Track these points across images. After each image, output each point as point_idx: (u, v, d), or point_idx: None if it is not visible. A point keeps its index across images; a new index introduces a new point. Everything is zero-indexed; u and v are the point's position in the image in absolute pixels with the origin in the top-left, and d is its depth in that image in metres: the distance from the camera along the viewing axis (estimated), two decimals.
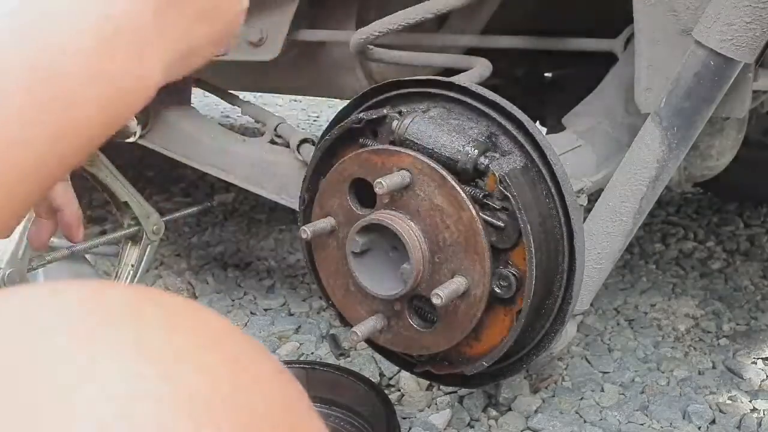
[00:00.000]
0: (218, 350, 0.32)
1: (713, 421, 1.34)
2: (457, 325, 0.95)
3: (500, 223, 0.90)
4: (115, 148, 1.90)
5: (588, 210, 1.14)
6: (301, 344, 1.59)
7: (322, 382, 1.29)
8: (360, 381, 1.28)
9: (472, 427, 1.31)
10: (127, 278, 1.40)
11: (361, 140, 1.01)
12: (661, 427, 1.32)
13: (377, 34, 1.29)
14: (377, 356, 1.44)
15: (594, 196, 1.18)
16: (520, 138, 0.94)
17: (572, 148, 1.23)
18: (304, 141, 1.47)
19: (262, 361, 0.34)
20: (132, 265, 1.41)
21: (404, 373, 1.39)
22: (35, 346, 0.29)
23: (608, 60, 1.45)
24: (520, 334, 0.94)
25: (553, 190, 0.93)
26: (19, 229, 1.41)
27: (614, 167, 1.14)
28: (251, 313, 1.75)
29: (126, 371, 0.29)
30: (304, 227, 0.99)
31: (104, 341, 0.30)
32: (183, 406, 0.28)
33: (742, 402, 1.40)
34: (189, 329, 0.33)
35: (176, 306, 0.34)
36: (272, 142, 1.57)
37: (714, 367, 1.53)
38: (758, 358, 1.57)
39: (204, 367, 0.31)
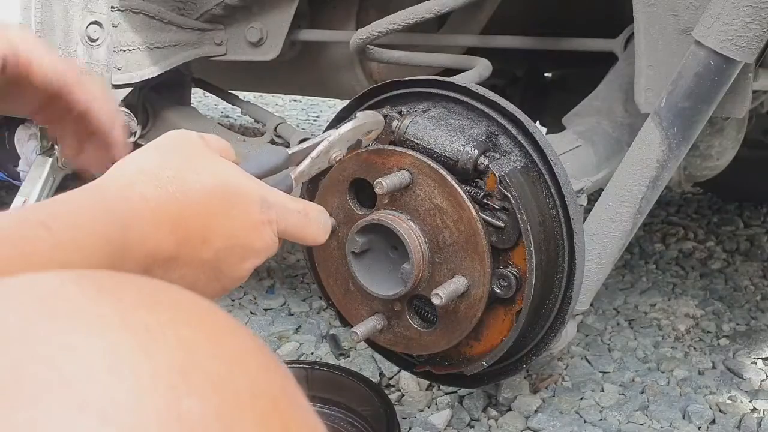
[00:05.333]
0: (199, 326, 0.33)
1: (713, 421, 1.34)
2: (457, 325, 0.95)
3: (500, 223, 0.90)
4: None
5: (588, 210, 1.14)
6: (301, 344, 1.59)
7: (322, 382, 1.29)
8: (360, 381, 1.28)
9: (472, 427, 1.31)
10: None
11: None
12: (661, 427, 1.32)
13: (377, 34, 1.29)
14: (377, 356, 1.44)
15: (594, 196, 1.18)
16: (520, 138, 0.94)
17: (572, 148, 1.23)
18: (303, 141, 1.47)
19: (243, 337, 0.34)
20: None
21: (404, 373, 1.39)
22: (17, 325, 0.29)
23: (608, 60, 1.45)
24: (520, 334, 0.94)
25: (553, 190, 0.93)
26: None
27: (614, 167, 1.14)
28: (251, 313, 1.75)
29: (106, 346, 0.29)
30: None
31: (84, 319, 0.30)
32: (162, 378, 0.29)
33: (742, 402, 1.40)
34: (169, 307, 0.33)
35: (157, 286, 0.35)
36: (272, 142, 1.57)
37: (714, 367, 1.53)
38: (758, 358, 1.57)
39: (184, 342, 0.31)
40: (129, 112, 1.44)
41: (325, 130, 1.06)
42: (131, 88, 1.45)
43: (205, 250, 0.64)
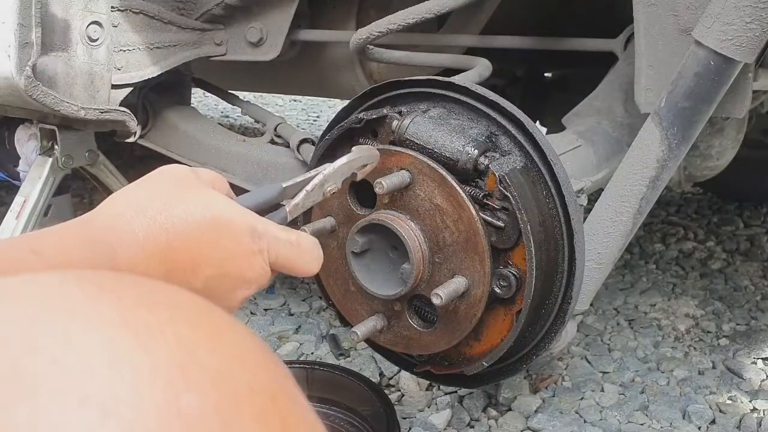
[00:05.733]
0: (198, 325, 0.33)
1: (713, 421, 1.33)
2: (457, 325, 0.95)
3: (500, 223, 0.90)
4: (115, 148, 1.90)
5: (588, 210, 1.14)
6: (301, 344, 1.59)
7: (322, 382, 1.29)
8: (360, 381, 1.28)
9: (472, 427, 1.31)
10: None
11: (361, 140, 1.01)
12: (661, 427, 1.32)
13: (377, 34, 1.29)
14: (377, 356, 1.44)
15: (594, 196, 1.18)
16: (520, 138, 0.94)
17: (572, 148, 1.23)
18: (304, 141, 1.47)
19: (242, 335, 0.35)
20: None
21: (404, 373, 1.39)
22: (17, 322, 0.30)
23: (608, 60, 1.45)
24: (520, 334, 0.94)
25: (553, 190, 0.93)
26: (20, 222, 1.41)
27: (614, 167, 1.14)
28: (251, 313, 1.75)
29: (105, 342, 0.29)
30: (304, 227, 0.99)
31: (84, 316, 0.30)
32: (162, 373, 0.29)
33: (742, 402, 1.40)
34: (168, 305, 0.33)
35: (156, 286, 0.35)
36: (272, 142, 1.57)
37: (714, 367, 1.53)
38: (758, 358, 1.57)
39: (183, 339, 0.31)
40: (129, 112, 1.44)
41: (325, 131, 1.06)
42: (131, 88, 1.45)
43: (195, 280, 0.65)
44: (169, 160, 1.68)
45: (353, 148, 0.87)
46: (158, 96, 1.65)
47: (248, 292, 0.70)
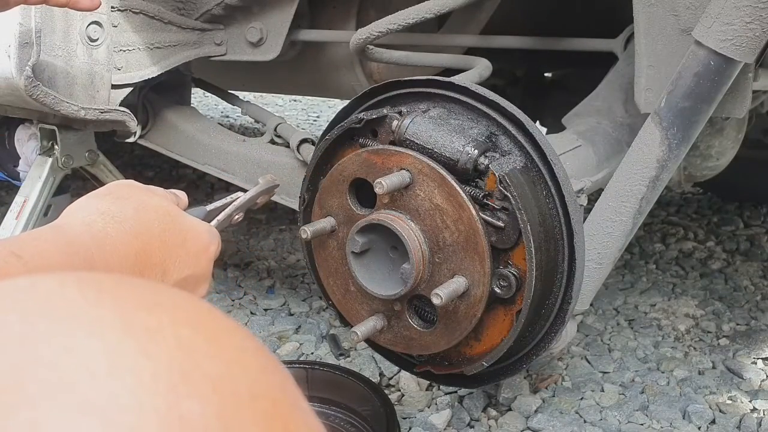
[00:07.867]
0: (198, 328, 0.33)
1: (713, 421, 1.33)
2: (457, 325, 0.95)
3: (500, 223, 0.90)
4: (115, 148, 1.90)
5: (588, 210, 1.14)
6: (301, 344, 1.59)
7: (322, 382, 1.29)
8: (360, 381, 1.28)
9: (472, 427, 1.31)
10: None
11: (360, 140, 1.01)
12: (661, 427, 1.32)
13: (377, 34, 1.29)
14: (377, 356, 1.44)
15: (594, 196, 1.18)
16: (520, 138, 0.94)
17: (572, 148, 1.23)
18: (304, 141, 1.47)
19: (243, 338, 0.35)
20: None
21: (404, 373, 1.39)
22: (17, 327, 0.30)
23: (608, 60, 1.45)
24: (520, 334, 0.94)
25: (553, 190, 0.93)
26: (20, 222, 1.41)
27: (614, 167, 1.14)
28: (251, 313, 1.75)
29: (106, 347, 0.29)
30: (304, 227, 1.00)
31: (84, 321, 0.30)
32: (163, 379, 0.29)
33: (742, 402, 1.40)
34: (168, 308, 0.33)
35: (156, 288, 0.35)
36: (272, 142, 1.58)
37: (714, 367, 1.53)
38: (758, 358, 1.57)
39: (184, 343, 0.31)
40: (129, 112, 1.44)
41: (325, 131, 1.06)
42: (131, 88, 1.45)
43: (166, 280, 0.73)
44: (169, 160, 1.68)
45: (258, 179, 1.02)
46: (158, 96, 1.65)
47: (204, 291, 0.80)
